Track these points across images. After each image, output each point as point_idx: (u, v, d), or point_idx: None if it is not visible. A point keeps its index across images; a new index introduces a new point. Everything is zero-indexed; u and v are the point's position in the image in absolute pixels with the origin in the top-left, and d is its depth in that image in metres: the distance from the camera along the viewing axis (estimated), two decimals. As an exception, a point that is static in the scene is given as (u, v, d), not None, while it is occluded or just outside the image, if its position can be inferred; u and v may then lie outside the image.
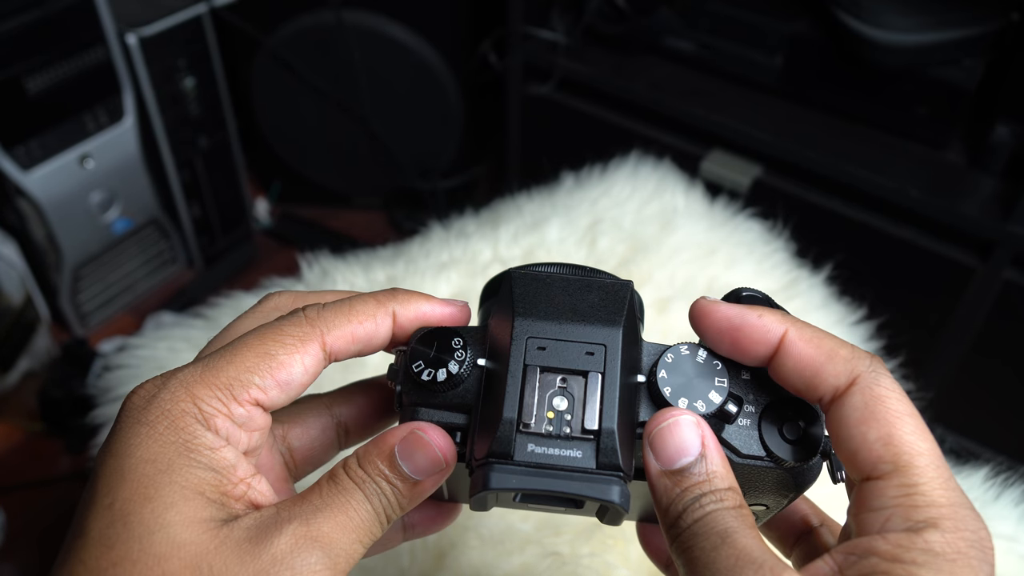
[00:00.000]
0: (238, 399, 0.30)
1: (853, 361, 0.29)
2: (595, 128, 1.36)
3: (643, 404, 0.31)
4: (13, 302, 1.34)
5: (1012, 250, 1.07)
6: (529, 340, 0.30)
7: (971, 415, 1.23)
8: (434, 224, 0.89)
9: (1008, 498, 0.66)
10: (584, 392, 0.29)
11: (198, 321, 0.79)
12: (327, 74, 1.51)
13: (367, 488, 0.30)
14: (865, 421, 0.28)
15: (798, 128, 1.21)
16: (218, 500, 0.29)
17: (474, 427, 0.31)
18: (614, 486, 0.29)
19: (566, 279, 0.32)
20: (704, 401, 0.30)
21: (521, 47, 1.36)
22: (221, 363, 0.30)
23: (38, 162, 1.27)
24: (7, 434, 1.35)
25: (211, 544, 0.28)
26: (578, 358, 0.30)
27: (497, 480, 0.29)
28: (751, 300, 0.32)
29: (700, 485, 0.28)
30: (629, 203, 0.89)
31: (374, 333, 0.32)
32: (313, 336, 0.31)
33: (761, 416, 0.31)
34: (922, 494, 0.26)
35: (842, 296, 0.86)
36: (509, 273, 0.32)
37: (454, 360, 0.31)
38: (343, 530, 0.29)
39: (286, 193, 1.74)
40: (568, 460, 0.29)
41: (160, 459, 0.28)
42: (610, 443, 0.29)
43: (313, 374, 0.31)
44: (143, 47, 1.33)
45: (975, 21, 1.09)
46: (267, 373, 0.30)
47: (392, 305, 0.33)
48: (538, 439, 0.29)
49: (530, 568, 0.59)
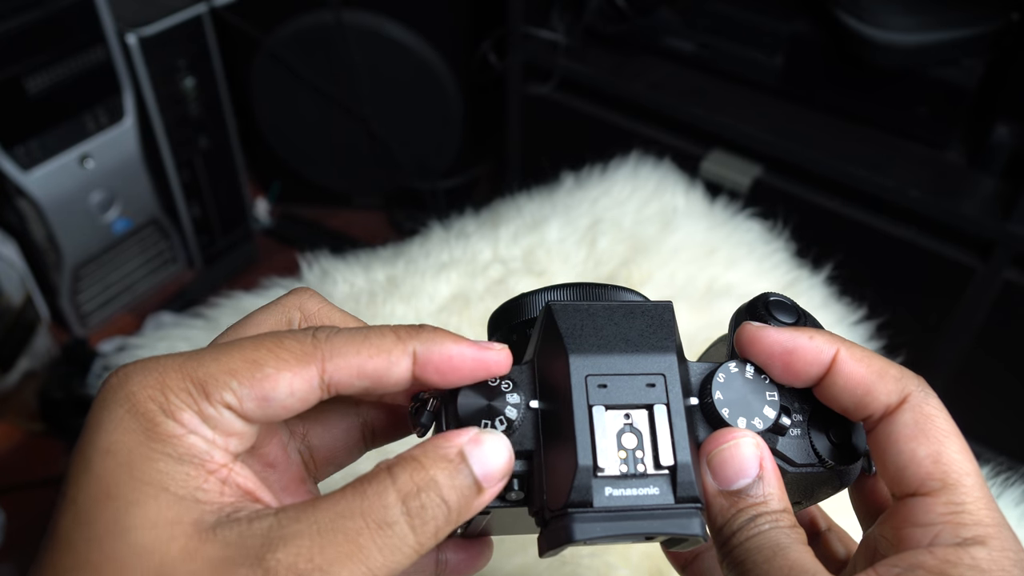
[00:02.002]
0: (210, 397, 0.27)
1: (903, 380, 0.29)
2: (595, 128, 1.37)
3: (700, 426, 0.30)
4: (13, 302, 1.34)
5: (1012, 250, 1.07)
6: (588, 378, 0.29)
7: (971, 415, 1.23)
8: (434, 224, 0.89)
9: (1008, 498, 0.66)
10: (652, 426, 0.29)
11: (198, 321, 0.79)
12: (327, 74, 1.51)
13: (413, 503, 0.26)
14: (915, 438, 0.28)
15: (798, 128, 1.21)
16: (188, 496, 0.25)
17: (539, 474, 0.29)
18: (695, 519, 0.28)
19: (609, 307, 0.31)
20: (760, 418, 0.30)
21: (521, 47, 1.36)
22: (207, 358, 0.27)
23: (38, 162, 1.27)
24: (7, 434, 1.35)
25: (178, 554, 0.24)
26: (640, 391, 0.29)
27: (581, 531, 0.28)
28: (778, 306, 0.32)
29: (757, 506, 0.28)
30: (629, 203, 0.89)
31: (386, 372, 0.28)
32: (313, 359, 0.28)
33: (809, 423, 0.31)
34: (969, 512, 0.27)
35: (842, 296, 0.86)
36: (549, 307, 0.30)
37: (509, 406, 0.29)
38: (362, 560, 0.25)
39: (286, 193, 1.74)
40: (647, 499, 0.28)
41: (120, 450, 0.25)
42: (686, 476, 0.28)
43: (301, 399, 0.28)
44: (143, 47, 1.33)
45: (975, 21, 1.09)
46: (248, 382, 0.27)
47: (413, 344, 0.29)
48: (614, 482, 0.28)
49: (530, 568, 0.59)
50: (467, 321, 0.76)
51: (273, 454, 0.32)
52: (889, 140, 1.19)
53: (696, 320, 0.77)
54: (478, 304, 0.77)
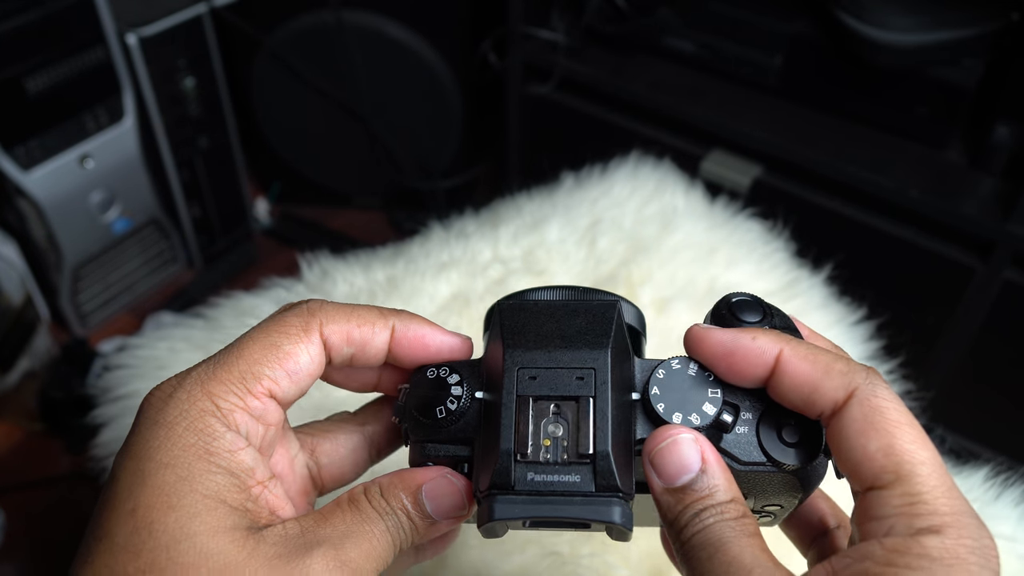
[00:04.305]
0: (252, 392, 0.30)
1: (849, 375, 0.29)
2: (595, 128, 1.36)
3: (640, 421, 0.31)
4: (13, 302, 1.34)
5: (1012, 250, 1.07)
6: (520, 371, 0.31)
7: (971, 415, 1.23)
8: (434, 224, 0.89)
9: (1008, 498, 0.66)
10: (577, 417, 0.30)
11: (198, 321, 0.79)
12: (327, 74, 1.51)
13: (388, 520, 0.31)
14: (865, 432, 0.28)
15: (798, 128, 1.21)
16: (240, 507, 0.29)
17: (477, 459, 0.31)
18: (615, 507, 0.29)
19: (552, 305, 0.32)
20: (699, 414, 0.30)
21: (521, 47, 1.36)
22: (231, 359, 0.31)
23: (38, 162, 1.27)
24: (7, 434, 1.35)
25: (239, 555, 0.28)
26: (568, 384, 0.30)
27: (501, 511, 0.29)
28: (741, 305, 0.33)
29: (702, 500, 0.29)
30: (629, 203, 0.89)
31: (370, 339, 0.33)
32: (313, 325, 0.32)
33: (759, 422, 0.31)
34: (925, 502, 0.26)
35: (842, 296, 0.86)
36: (497, 306, 0.33)
37: (451, 396, 0.32)
38: (367, 558, 0.30)
39: (286, 193, 1.74)
40: (568, 485, 0.29)
41: (180, 464, 0.29)
42: (606, 465, 0.29)
43: (318, 364, 0.32)
44: (143, 47, 1.33)
45: (975, 21, 1.09)
46: (276, 364, 0.31)
47: (393, 319, 0.33)
48: (537, 467, 0.30)
49: (530, 568, 0.59)
50: (467, 321, 0.76)
51: (280, 466, 0.34)
52: (889, 140, 1.19)
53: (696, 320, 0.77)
54: (478, 304, 0.77)
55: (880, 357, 0.83)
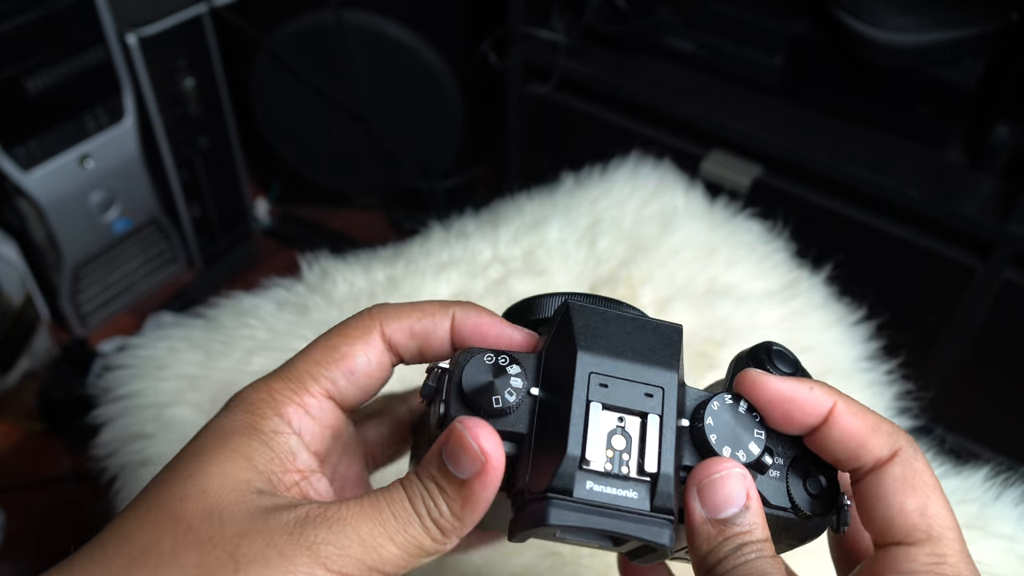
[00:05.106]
0: (309, 391, 0.31)
1: (895, 436, 0.31)
2: (595, 128, 1.37)
3: (686, 448, 0.31)
4: (13, 302, 1.34)
5: (1012, 250, 1.07)
6: (592, 375, 0.30)
7: (971, 415, 1.23)
8: (434, 224, 0.89)
9: (1008, 498, 0.66)
10: (643, 433, 0.30)
11: (198, 321, 0.79)
12: (327, 74, 1.51)
13: (411, 487, 0.30)
14: (904, 491, 0.30)
15: (798, 128, 1.21)
16: (266, 471, 0.29)
17: (526, 459, 0.30)
18: (666, 529, 0.29)
19: (623, 316, 0.32)
20: (745, 451, 0.31)
21: (521, 47, 1.36)
22: (294, 361, 0.32)
23: (38, 162, 1.27)
24: (7, 434, 1.35)
25: (233, 500, 0.28)
26: (638, 399, 0.30)
27: (556, 516, 0.28)
28: (780, 356, 0.34)
29: (743, 535, 0.29)
30: (629, 203, 0.89)
31: (432, 331, 0.33)
32: (373, 328, 0.33)
33: (789, 468, 0.32)
34: (950, 564, 0.29)
35: (842, 296, 0.86)
36: (567, 303, 0.32)
37: (510, 388, 0.30)
38: (372, 522, 0.28)
39: (286, 193, 1.74)
40: (624, 500, 0.29)
41: (224, 431, 0.30)
42: (666, 487, 0.29)
43: (378, 365, 0.33)
44: (143, 47, 1.33)
45: (975, 21, 1.09)
46: (332, 365, 0.32)
47: (454, 308, 0.34)
48: (596, 477, 0.29)
49: (530, 568, 0.59)
50: (467, 321, 0.76)
51: (343, 478, 0.36)
52: (889, 140, 1.19)
53: (696, 320, 0.77)
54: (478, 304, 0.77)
55: (880, 357, 0.83)
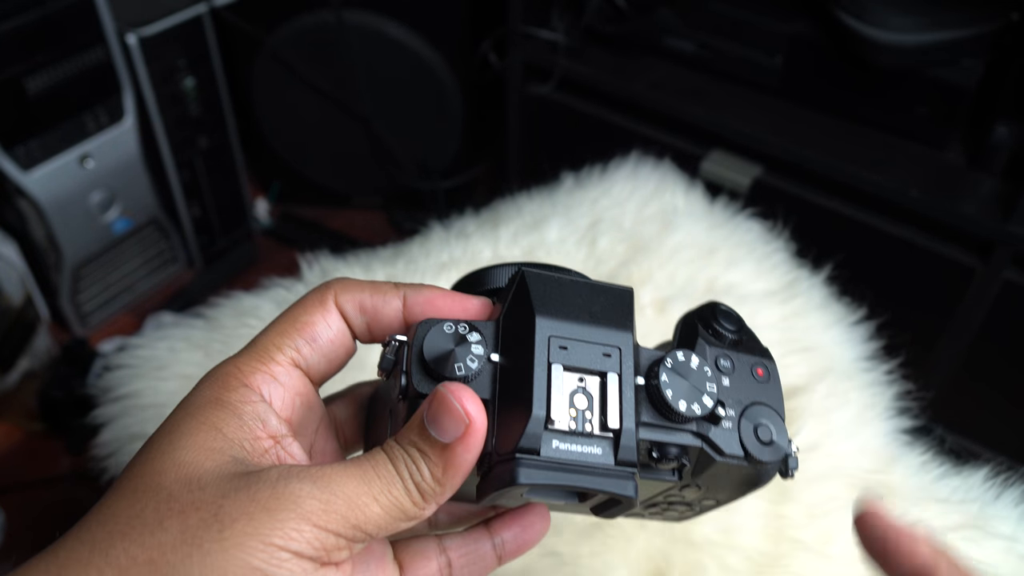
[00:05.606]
0: (274, 359, 0.33)
1: None
2: (595, 128, 1.37)
3: (643, 404, 0.32)
4: (13, 302, 1.34)
5: (1012, 250, 1.07)
6: (552, 339, 0.31)
7: (971, 415, 1.23)
8: (434, 224, 0.89)
9: (1008, 498, 0.66)
10: (603, 392, 0.31)
11: (198, 321, 0.79)
12: (327, 74, 1.51)
13: (393, 451, 0.30)
14: None
15: (798, 128, 1.21)
16: (236, 440, 0.30)
17: (491, 423, 0.31)
18: (630, 482, 0.30)
19: (576, 282, 0.33)
20: (700, 404, 0.32)
21: (521, 47, 1.36)
22: (258, 337, 0.34)
23: (38, 162, 1.27)
24: (7, 434, 1.35)
25: (212, 468, 0.28)
26: (596, 359, 0.31)
27: (526, 475, 0.29)
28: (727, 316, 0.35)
29: None
30: (629, 203, 0.89)
31: (381, 307, 0.34)
32: (328, 296, 0.34)
33: (740, 419, 0.33)
34: None
35: (842, 296, 0.86)
36: (523, 272, 0.33)
37: (472, 355, 0.31)
38: (356, 480, 0.29)
39: (286, 193, 1.74)
40: (589, 457, 0.30)
41: (193, 406, 0.31)
42: (629, 442, 0.30)
43: (339, 331, 0.34)
44: (143, 47, 1.33)
45: (975, 21, 1.09)
46: (295, 333, 0.33)
47: (405, 289, 0.35)
48: (562, 436, 0.30)
49: (530, 568, 0.59)
50: (467, 321, 0.76)
51: (320, 450, 0.36)
52: (889, 140, 1.19)
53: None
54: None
55: (880, 357, 0.83)
